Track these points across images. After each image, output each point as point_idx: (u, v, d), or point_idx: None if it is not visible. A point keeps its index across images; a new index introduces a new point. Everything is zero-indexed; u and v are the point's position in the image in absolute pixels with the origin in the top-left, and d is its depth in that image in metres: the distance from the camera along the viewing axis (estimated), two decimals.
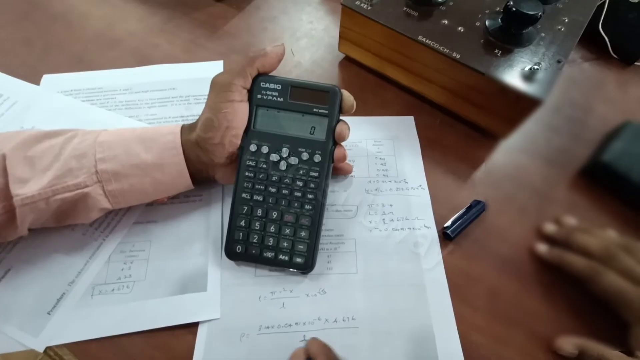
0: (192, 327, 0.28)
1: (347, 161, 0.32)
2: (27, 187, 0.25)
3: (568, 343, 0.27)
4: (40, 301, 0.29)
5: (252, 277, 0.30)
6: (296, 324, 0.28)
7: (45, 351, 0.27)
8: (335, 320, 0.28)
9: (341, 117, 0.30)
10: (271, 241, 0.29)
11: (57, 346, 0.27)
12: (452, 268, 0.31)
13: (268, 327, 0.28)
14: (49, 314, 0.28)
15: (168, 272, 0.30)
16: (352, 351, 0.27)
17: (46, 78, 0.40)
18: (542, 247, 0.31)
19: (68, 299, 0.29)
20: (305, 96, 0.29)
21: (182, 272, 0.30)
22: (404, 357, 0.27)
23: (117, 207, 0.29)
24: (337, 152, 0.29)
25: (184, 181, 0.29)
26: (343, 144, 0.30)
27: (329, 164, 0.29)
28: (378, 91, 0.40)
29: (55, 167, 0.26)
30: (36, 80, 0.40)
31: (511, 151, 0.37)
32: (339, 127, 0.29)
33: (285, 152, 0.29)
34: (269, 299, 0.29)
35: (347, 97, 0.29)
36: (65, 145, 0.27)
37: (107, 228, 0.32)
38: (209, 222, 0.32)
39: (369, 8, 0.36)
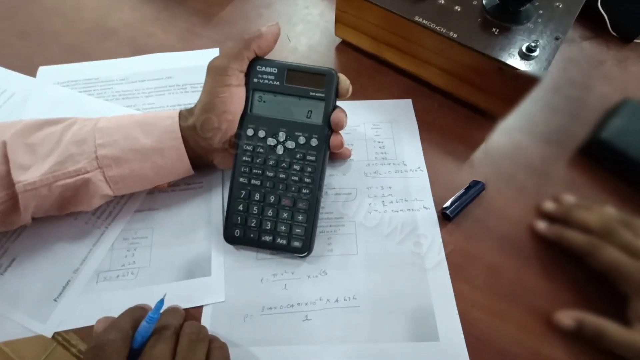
0: (197, 309, 0.29)
1: (345, 145, 0.32)
2: (29, 173, 0.26)
3: (567, 317, 0.28)
4: (46, 288, 0.29)
5: (254, 260, 0.30)
6: (298, 304, 0.29)
7: (53, 337, 0.28)
8: (337, 300, 0.29)
9: (338, 103, 0.29)
10: (269, 225, 0.29)
11: (65, 331, 0.28)
12: (452, 248, 0.31)
13: (271, 308, 0.29)
14: (55, 300, 0.29)
15: (172, 258, 0.31)
16: (354, 329, 0.28)
17: (42, 70, 0.40)
18: (541, 225, 0.32)
19: (74, 286, 0.29)
20: (302, 80, 0.29)
21: (186, 258, 0.30)
22: (404, 334, 0.28)
23: (118, 194, 0.29)
24: (334, 139, 0.29)
25: (184, 165, 0.29)
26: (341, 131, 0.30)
27: (325, 147, 0.29)
28: (375, 75, 0.40)
29: (55, 154, 0.26)
30: (32, 73, 0.39)
31: (510, 131, 0.37)
32: (336, 115, 0.28)
33: (282, 136, 0.29)
34: (271, 281, 0.30)
35: (343, 80, 0.29)
36: (65, 132, 0.27)
37: (109, 216, 0.32)
38: (210, 208, 0.33)
39: None
